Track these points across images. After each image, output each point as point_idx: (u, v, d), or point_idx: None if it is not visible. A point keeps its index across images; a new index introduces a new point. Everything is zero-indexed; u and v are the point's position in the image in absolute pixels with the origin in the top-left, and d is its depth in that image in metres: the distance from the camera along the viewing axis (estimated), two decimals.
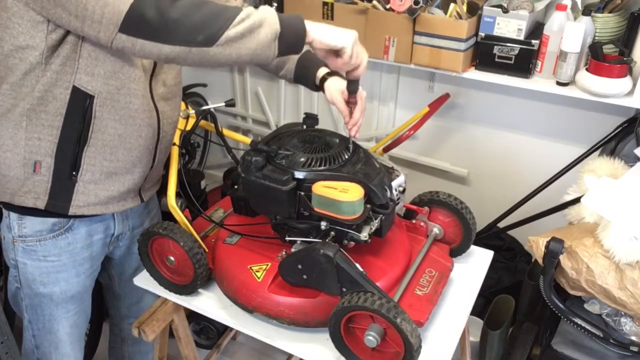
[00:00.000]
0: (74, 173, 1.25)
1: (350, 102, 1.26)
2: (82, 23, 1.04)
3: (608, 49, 1.78)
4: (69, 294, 1.41)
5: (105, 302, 1.75)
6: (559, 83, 1.83)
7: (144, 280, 1.45)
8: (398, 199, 1.31)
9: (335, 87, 1.30)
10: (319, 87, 1.36)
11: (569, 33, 1.72)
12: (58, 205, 1.27)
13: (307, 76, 1.39)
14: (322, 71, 1.35)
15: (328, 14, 2.05)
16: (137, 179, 1.36)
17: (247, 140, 1.49)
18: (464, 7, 1.86)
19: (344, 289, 1.15)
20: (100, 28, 1.03)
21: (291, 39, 1.08)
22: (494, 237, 2.24)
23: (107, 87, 1.19)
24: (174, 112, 1.40)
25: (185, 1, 1.03)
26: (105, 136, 1.24)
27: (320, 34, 1.09)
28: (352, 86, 1.23)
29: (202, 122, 1.59)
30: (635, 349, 1.47)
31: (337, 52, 1.13)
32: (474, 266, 1.50)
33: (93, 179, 1.28)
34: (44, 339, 1.46)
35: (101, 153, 1.25)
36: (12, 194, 1.26)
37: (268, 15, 1.06)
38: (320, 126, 1.37)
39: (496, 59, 1.89)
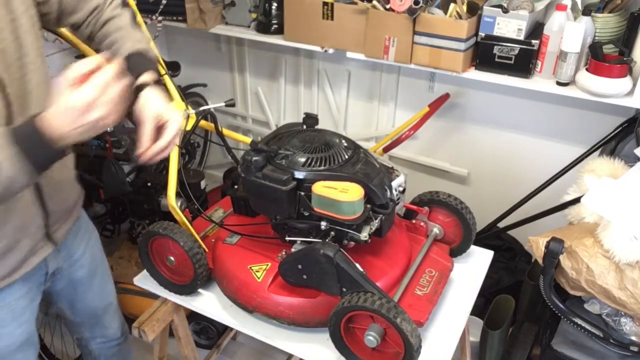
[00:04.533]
0: None
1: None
2: None
3: (608, 49, 1.77)
4: (13, 347, 1.29)
5: (68, 328, 1.65)
6: (559, 83, 1.83)
7: (144, 280, 1.45)
8: (398, 199, 1.31)
9: (151, 106, 1.06)
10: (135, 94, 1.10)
11: (569, 33, 1.72)
12: None
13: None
14: (144, 77, 1.10)
15: (328, 14, 2.05)
16: (32, 241, 1.19)
17: (247, 140, 1.49)
18: (464, 7, 1.86)
19: (344, 289, 1.15)
20: None
21: (38, 155, 0.90)
22: (494, 237, 2.24)
23: None
24: None
25: None
26: None
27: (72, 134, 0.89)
28: None
29: (202, 122, 1.59)
30: (635, 349, 1.46)
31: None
32: (474, 266, 1.50)
33: None
34: None
35: None
36: None
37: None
38: (320, 126, 1.37)
39: (496, 59, 1.89)
